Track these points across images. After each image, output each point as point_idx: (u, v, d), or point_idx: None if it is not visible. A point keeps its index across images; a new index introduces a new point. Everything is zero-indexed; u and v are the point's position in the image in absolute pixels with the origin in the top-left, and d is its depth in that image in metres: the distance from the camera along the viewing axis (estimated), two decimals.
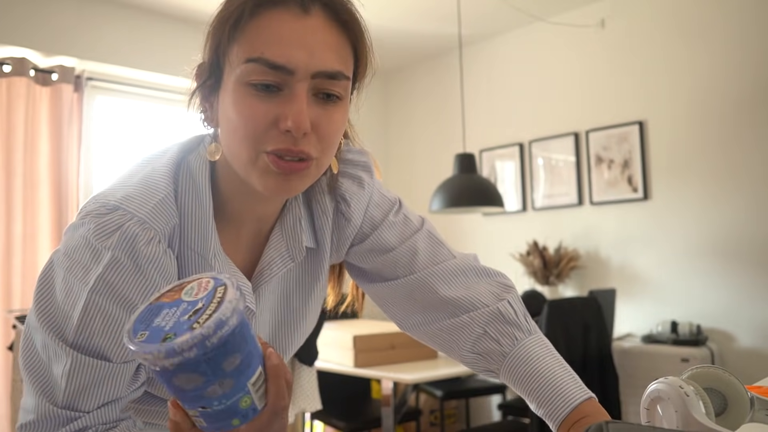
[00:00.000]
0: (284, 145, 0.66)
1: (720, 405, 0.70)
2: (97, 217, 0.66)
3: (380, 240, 0.88)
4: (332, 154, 0.72)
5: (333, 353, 2.87)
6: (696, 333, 3.10)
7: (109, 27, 3.52)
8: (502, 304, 0.85)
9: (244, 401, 0.53)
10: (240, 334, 0.51)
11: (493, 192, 3.13)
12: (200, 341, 0.48)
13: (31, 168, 3.32)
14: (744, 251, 3.12)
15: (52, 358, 0.68)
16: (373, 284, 0.91)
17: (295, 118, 0.65)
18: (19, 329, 2.55)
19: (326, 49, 0.67)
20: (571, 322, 2.62)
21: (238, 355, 0.51)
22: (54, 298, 0.68)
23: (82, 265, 0.66)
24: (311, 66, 0.66)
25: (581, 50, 3.78)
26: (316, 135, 0.68)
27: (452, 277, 0.87)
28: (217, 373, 0.50)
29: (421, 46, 4.38)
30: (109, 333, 0.67)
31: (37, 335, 0.70)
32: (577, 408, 0.74)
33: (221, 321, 0.49)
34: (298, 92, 0.66)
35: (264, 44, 0.65)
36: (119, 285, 0.66)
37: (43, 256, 3.31)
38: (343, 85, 0.69)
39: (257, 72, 0.65)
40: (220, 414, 0.53)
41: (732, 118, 3.18)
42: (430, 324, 0.88)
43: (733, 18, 3.19)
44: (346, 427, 3.01)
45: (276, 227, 0.81)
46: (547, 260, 3.63)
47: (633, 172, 3.51)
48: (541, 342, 0.83)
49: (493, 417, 4.04)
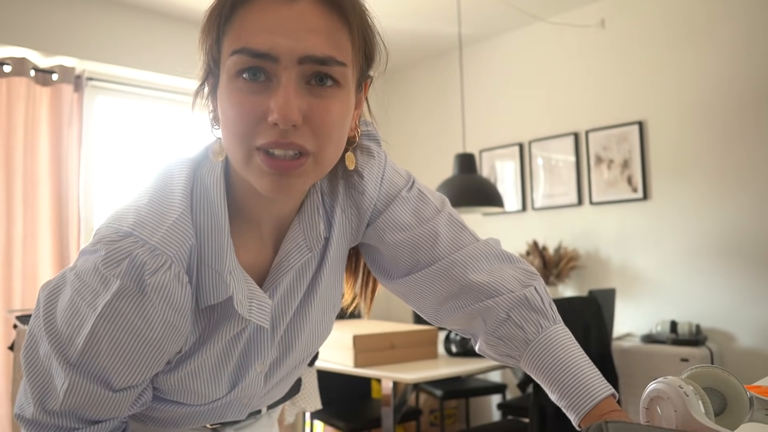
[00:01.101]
0: (273, 138, 0.62)
1: (719, 405, 0.70)
2: (108, 244, 0.66)
3: (394, 216, 0.84)
4: (335, 148, 0.68)
5: (333, 353, 2.87)
6: (695, 333, 3.10)
7: (109, 27, 3.52)
8: (528, 290, 0.82)
9: None
10: None
11: (493, 192, 3.13)
12: None
13: (31, 168, 3.32)
14: (743, 251, 3.12)
15: (54, 370, 0.69)
16: (393, 281, 0.87)
17: (280, 109, 0.61)
18: (19, 329, 2.55)
19: (314, 33, 0.63)
20: (570, 322, 2.61)
21: None
22: (61, 317, 0.68)
23: (91, 290, 0.66)
24: (297, 51, 0.62)
25: (581, 50, 3.78)
26: (310, 127, 0.64)
27: (476, 262, 0.84)
28: None
29: (421, 45, 4.38)
30: (114, 359, 0.67)
31: (41, 343, 0.70)
32: (599, 405, 0.73)
33: None
34: (284, 81, 0.62)
35: (248, 34, 0.63)
36: (127, 313, 0.66)
37: (43, 256, 3.31)
38: (337, 72, 0.64)
39: (242, 63, 0.63)
40: None
41: (732, 118, 3.18)
42: (456, 311, 0.85)
43: (733, 18, 3.20)
44: (346, 427, 3.01)
45: (295, 218, 0.78)
46: (546, 260, 3.63)
47: (633, 172, 3.51)
48: (565, 332, 0.81)
49: (493, 417, 4.04)
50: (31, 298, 3.27)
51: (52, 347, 0.68)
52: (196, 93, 0.72)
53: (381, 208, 0.84)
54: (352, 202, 0.83)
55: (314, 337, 0.88)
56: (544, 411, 2.55)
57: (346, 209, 0.83)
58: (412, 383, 2.63)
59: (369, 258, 0.90)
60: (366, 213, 0.84)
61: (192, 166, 0.75)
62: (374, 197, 0.83)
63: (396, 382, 2.66)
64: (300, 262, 0.78)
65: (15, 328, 2.63)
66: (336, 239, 0.83)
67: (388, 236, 0.84)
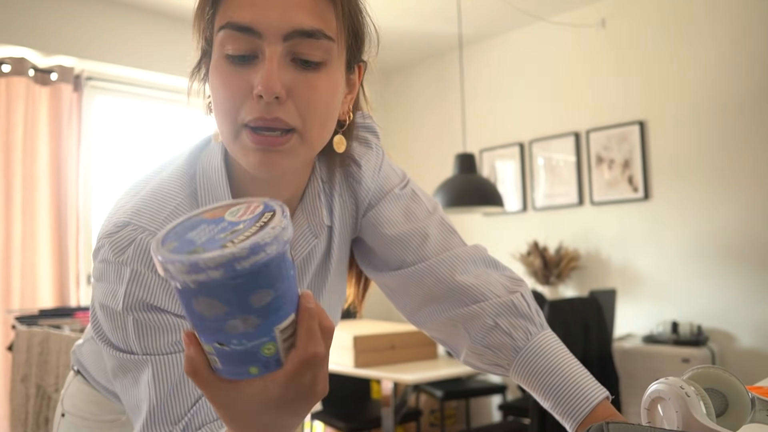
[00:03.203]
0: (258, 113, 0.62)
1: (721, 405, 0.70)
2: (109, 236, 0.67)
3: (385, 212, 0.84)
4: (322, 126, 0.67)
5: (333, 353, 2.87)
6: (696, 333, 3.09)
7: (109, 27, 3.52)
8: (515, 296, 0.81)
9: (267, 348, 0.46)
10: (277, 267, 0.44)
11: (493, 192, 3.13)
12: (228, 261, 0.41)
13: (31, 168, 3.31)
14: (744, 251, 3.12)
15: (140, 376, 0.68)
16: (381, 273, 0.87)
17: (263, 80, 0.60)
18: (18, 329, 2.55)
19: (299, 8, 0.62)
20: (571, 322, 2.62)
21: (270, 291, 0.44)
22: (106, 326, 0.69)
23: (111, 288, 0.67)
24: (283, 25, 0.62)
25: (582, 50, 3.77)
26: (294, 102, 0.63)
27: (463, 264, 0.83)
28: (243, 306, 0.43)
29: (422, 45, 4.38)
30: (162, 335, 0.67)
31: (109, 358, 0.70)
32: (595, 409, 0.72)
33: (257, 245, 0.42)
34: (268, 55, 0.62)
35: (233, 9, 0.63)
36: (146, 296, 0.66)
37: (42, 256, 3.31)
38: (323, 46, 0.64)
39: (228, 39, 0.63)
40: (238, 356, 0.46)
41: (733, 118, 3.18)
42: (439, 314, 0.84)
43: (733, 18, 3.19)
44: (346, 427, 3.01)
45: (298, 206, 0.78)
46: (547, 260, 3.63)
47: (633, 172, 3.50)
48: (554, 338, 0.79)
49: (493, 417, 4.04)
50: (30, 298, 3.27)
51: (118, 353, 0.68)
52: (192, 74, 0.72)
53: (373, 202, 0.84)
54: (350, 192, 0.83)
55: None
56: (544, 412, 2.54)
57: (344, 198, 0.83)
58: (413, 384, 2.63)
59: (357, 251, 0.90)
60: (363, 204, 0.84)
61: (191, 155, 0.75)
62: (370, 188, 0.84)
63: (396, 383, 2.66)
64: (307, 250, 0.78)
65: (14, 329, 2.62)
66: (338, 227, 0.83)
67: (378, 231, 0.84)
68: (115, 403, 0.90)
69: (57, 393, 2.23)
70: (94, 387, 0.92)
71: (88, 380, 0.92)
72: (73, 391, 0.95)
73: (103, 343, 0.70)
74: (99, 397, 0.92)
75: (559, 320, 2.54)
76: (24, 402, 2.40)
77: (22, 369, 2.44)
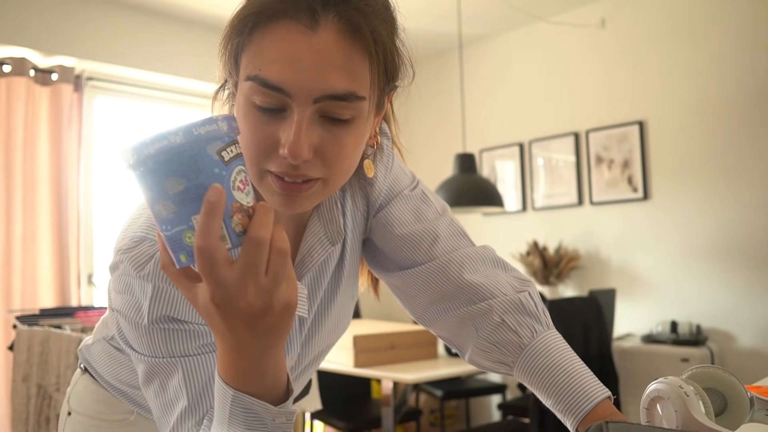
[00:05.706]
0: (284, 168, 0.63)
1: (720, 405, 0.70)
2: (127, 252, 0.67)
3: (396, 212, 0.85)
4: (345, 174, 0.68)
5: (333, 353, 2.87)
6: (696, 333, 3.10)
7: (109, 27, 3.52)
8: (523, 294, 0.82)
9: (187, 236, 0.50)
10: (190, 159, 0.49)
11: (493, 192, 3.13)
12: (138, 147, 0.48)
13: (31, 168, 3.31)
14: (744, 251, 3.12)
15: (161, 381, 0.70)
16: (390, 273, 0.88)
17: (291, 148, 0.60)
18: (19, 329, 2.55)
19: (333, 69, 0.61)
20: (571, 322, 2.62)
21: (182, 180, 0.49)
22: (132, 334, 0.71)
23: (134, 302, 0.68)
24: (314, 91, 0.60)
25: (581, 50, 3.78)
26: (321, 159, 0.63)
27: (472, 263, 0.84)
28: (159, 191, 0.49)
29: (421, 45, 4.37)
30: (189, 340, 0.69)
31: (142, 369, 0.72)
32: (596, 407, 0.72)
33: (161, 134, 0.48)
34: (296, 117, 0.61)
35: (263, 61, 0.61)
36: (170, 311, 0.68)
37: (42, 257, 3.31)
38: (355, 107, 0.63)
39: (256, 92, 0.61)
40: (170, 243, 0.51)
41: (733, 118, 3.18)
42: (447, 312, 0.85)
43: (734, 18, 3.19)
44: (346, 427, 3.01)
45: (313, 213, 0.78)
46: (547, 260, 3.63)
47: (633, 172, 3.51)
48: (559, 337, 0.80)
49: (493, 417, 4.04)
50: (31, 298, 3.27)
51: (146, 357, 0.70)
52: (215, 96, 0.73)
53: (384, 203, 0.85)
54: (362, 193, 0.84)
55: (334, 331, 0.88)
56: (544, 411, 2.54)
57: (356, 200, 0.84)
58: (412, 383, 2.63)
59: (366, 252, 0.91)
60: (374, 205, 0.85)
61: None
62: (381, 190, 0.84)
63: (396, 383, 2.66)
64: (323, 257, 0.79)
65: (14, 329, 2.62)
66: (351, 231, 0.84)
67: (388, 231, 0.85)
68: (124, 403, 0.91)
69: (58, 393, 2.23)
70: (103, 386, 0.92)
71: (97, 379, 0.92)
72: (80, 389, 0.95)
73: (131, 350, 0.72)
74: (108, 396, 0.92)
75: (559, 320, 2.53)
76: (25, 402, 2.40)
77: (23, 369, 2.44)
